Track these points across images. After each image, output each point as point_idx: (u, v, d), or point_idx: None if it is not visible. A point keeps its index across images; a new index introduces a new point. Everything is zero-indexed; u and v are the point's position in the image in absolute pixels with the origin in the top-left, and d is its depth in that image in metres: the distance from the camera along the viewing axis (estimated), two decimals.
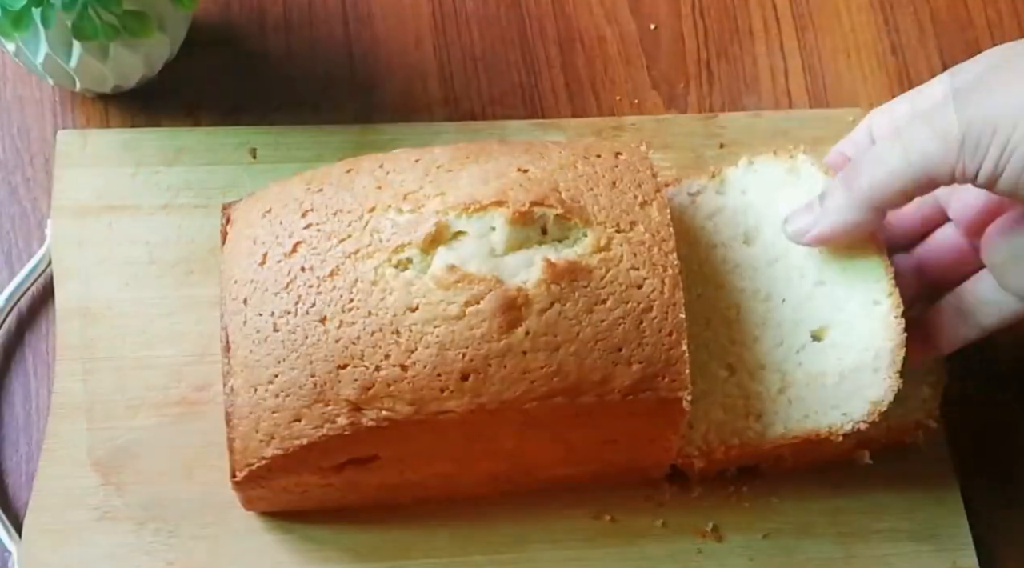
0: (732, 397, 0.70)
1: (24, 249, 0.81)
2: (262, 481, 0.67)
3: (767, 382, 0.70)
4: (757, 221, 0.73)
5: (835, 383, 0.68)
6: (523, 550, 0.74)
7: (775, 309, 0.71)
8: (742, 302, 0.72)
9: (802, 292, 0.70)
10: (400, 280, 0.64)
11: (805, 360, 0.69)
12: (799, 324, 0.70)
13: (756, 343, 0.71)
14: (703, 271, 0.73)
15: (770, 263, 0.71)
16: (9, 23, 0.72)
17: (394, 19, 0.91)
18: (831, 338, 0.69)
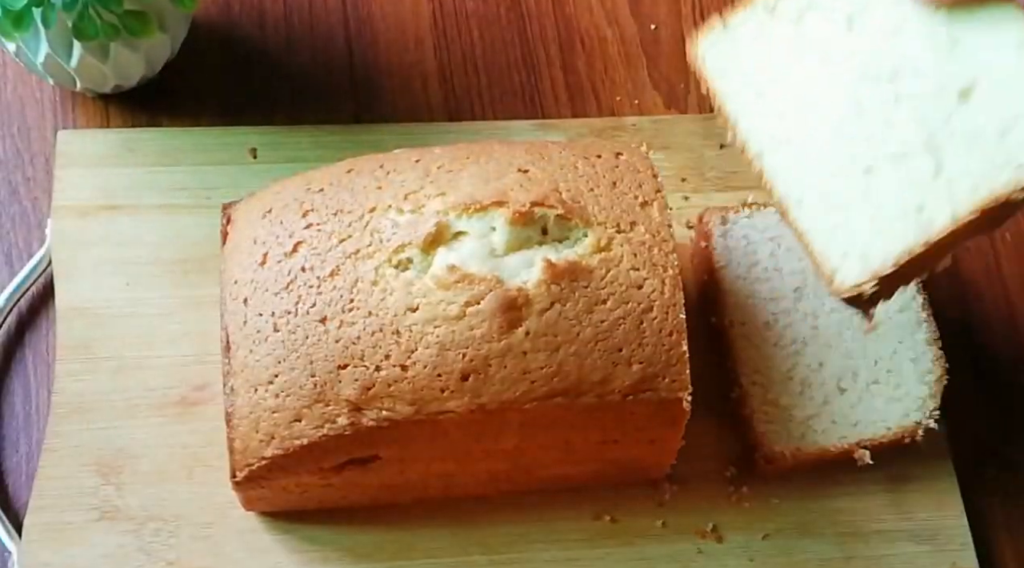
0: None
1: (24, 249, 0.81)
2: (262, 481, 0.67)
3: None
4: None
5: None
6: (523, 550, 0.74)
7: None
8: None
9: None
10: (400, 280, 0.64)
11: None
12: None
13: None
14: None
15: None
16: (10, 23, 0.72)
17: (394, 19, 0.91)
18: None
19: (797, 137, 0.63)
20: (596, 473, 0.74)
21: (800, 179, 0.63)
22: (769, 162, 0.63)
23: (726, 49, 0.65)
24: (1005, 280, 0.87)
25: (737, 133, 0.64)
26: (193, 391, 0.76)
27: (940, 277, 0.86)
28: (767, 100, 0.64)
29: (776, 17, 0.65)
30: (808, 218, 0.62)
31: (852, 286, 0.60)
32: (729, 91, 0.65)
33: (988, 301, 0.86)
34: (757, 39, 0.65)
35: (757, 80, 0.64)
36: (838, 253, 0.61)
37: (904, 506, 0.77)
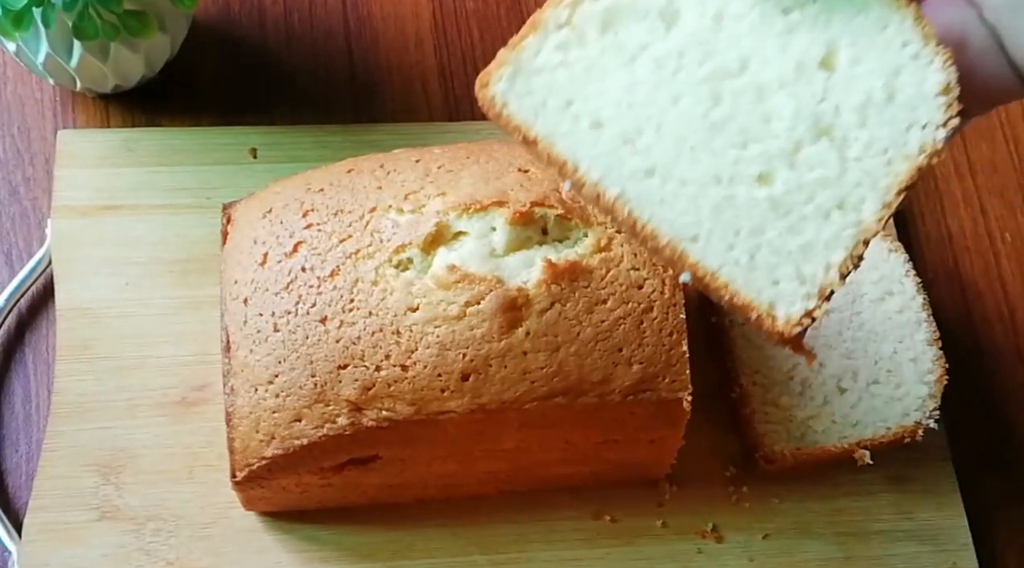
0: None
1: (24, 249, 0.81)
2: (262, 481, 0.67)
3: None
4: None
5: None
6: (523, 550, 0.74)
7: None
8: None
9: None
10: (400, 280, 0.64)
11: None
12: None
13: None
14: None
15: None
16: (10, 23, 0.72)
17: (394, 19, 0.91)
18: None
19: (661, 162, 0.52)
20: (596, 473, 0.74)
21: (684, 213, 0.52)
22: (637, 204, 0.52)
23: (529, 84, 0.53)
24: (1005, 280, 0.87)
25: (580, 179, 0.52)
26: (193, 391, 0.76)
27: (940, 277, 0.86)
28: (606, 130, 0.53)
29: (576, 34, 0.53)
30: (712, 256, 0.52)
31: (801, 316, 0.52)
32: (552, 132, 0.52)
33: (988, 301, 0.86)
34: (564, 64, 0.53)
35: (583, 110, 0.53)
36: (766, 284, 0.52)
37: (904, 506, 0.77)
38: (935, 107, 0.53)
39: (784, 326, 0.51)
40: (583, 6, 0.54)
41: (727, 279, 0.52)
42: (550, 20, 0.53)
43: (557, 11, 0.53)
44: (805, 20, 0.54)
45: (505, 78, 0.53)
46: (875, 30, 0.54)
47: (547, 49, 0.53)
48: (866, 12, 0.54)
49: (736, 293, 0.52)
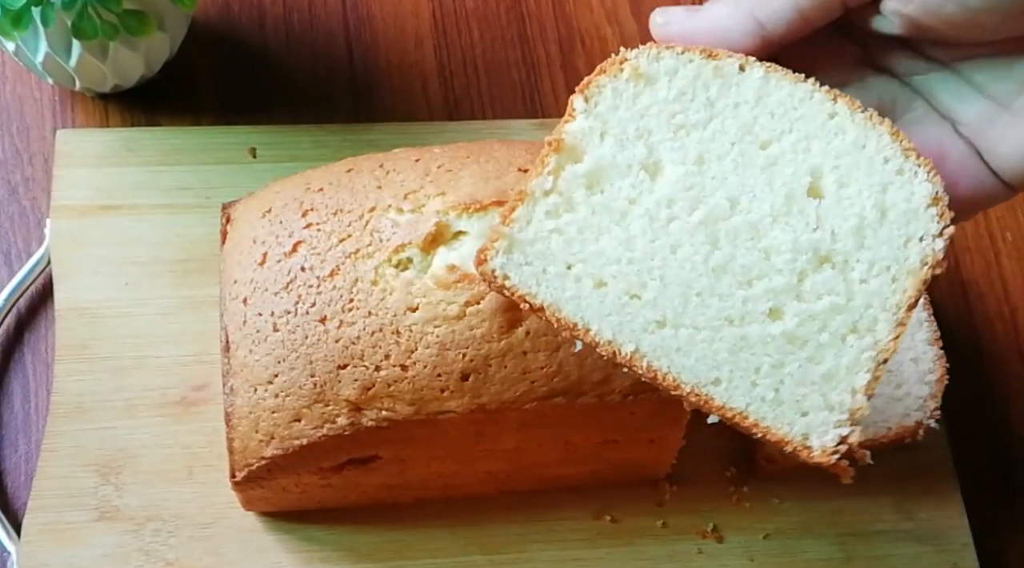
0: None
1: (23, 249, 0.81)
2: (262, 481, 0.67)
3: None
4: None
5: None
6: (523, 550, 0.74)
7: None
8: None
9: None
10: (400, 280, 0.64)
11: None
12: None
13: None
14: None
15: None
16: (9, 22, 0.72)
17: (394, 19, 0.91)
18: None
19: (670, 312, 0.53)
20: (596, 473, 0.74)
21: (702, 358, 0.53)
22: (653, 356, 0.53)
23: (526, 255, 0.54)
24: (1005, 279, 0.87)
25: (593, 339, 0.53)
26: (193, 391, 0.75)
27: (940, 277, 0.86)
28: (610, 288, 0.53)
29: (564, 199, 0.54)
30: (737, 397, 0.53)
31: (837, 443, 0.52)
32: (557, 298, 0.53)
33: (989, 300, 0.86)
34: (557, 230, 0.54)
35: (584, 272, 0.53)
36: (795, 416, 0.52)
37: (905, 506, 0.77)
38: (928, 219, 0.53)
39: (821, 456, 0.52)
40: (565, 171, 0.54)
41: (756, 417, 0.52)
42: (536, 189, 0.54)
43: (541, 180, 0.54)
44: (784, 150, 0.54)
45: (501, 252, 0.54)
46: (855, 150, 0.54)
47: (537, 218, 0.54)
48: (842, 134, 0.54)
49: (768, 430, 0.52)
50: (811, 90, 0.54)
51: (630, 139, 0.54)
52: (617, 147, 0.54)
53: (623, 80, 0.55)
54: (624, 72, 0.55)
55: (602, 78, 0.55)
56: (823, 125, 0.54)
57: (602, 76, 0.55)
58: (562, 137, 0.55)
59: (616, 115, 0.55)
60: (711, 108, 0.54)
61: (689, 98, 0.54)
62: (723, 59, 0.54)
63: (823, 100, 0.54)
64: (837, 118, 0.54)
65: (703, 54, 0.54)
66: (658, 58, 0.55)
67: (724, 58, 0.54)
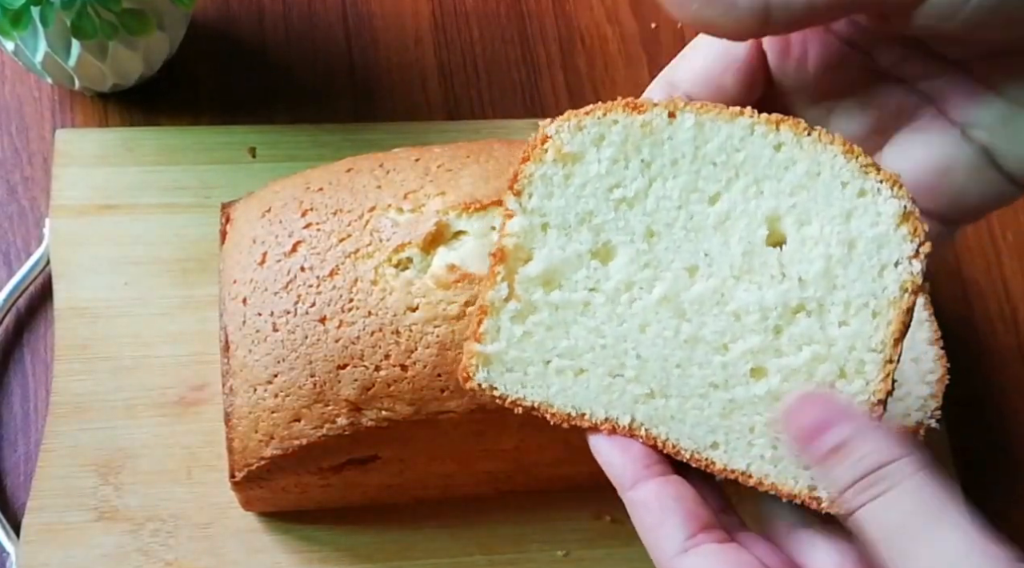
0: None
1: (23, 248, 0.80)
2: (261, 481, 0.67)
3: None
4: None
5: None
6: (523, 550, 0.74)
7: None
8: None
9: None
10: (400, 280, 0.64)
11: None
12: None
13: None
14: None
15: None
16: (8, 22, 0.72)
17: (394, 18, 0.91)
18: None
19: (655, 385, 0.52)
20: (596, 473, 0.74)
21: (697, 424, 0.52)
22: (651, 425, 0.52)
23: (504, 363, 0.53)
24: (1006, 279, 0.87)
25: (592, 423, 0.53)
26: (192, 391, 0.75)
27: (941, 276, 0.86)
28: (592, 373, 0.52)
29: (524, 302, 0.53)
30: (736, 457, 0.52)
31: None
32: (545, 394, 0.53)
33: (989, 300, 0.86)
34: (527, 333, 0.53)
35: (562, 365, 0.53)
36: (798, 470, 0.51)
37: None
38: (900, 240, 0.49)
39: (830, 506, 0.49)
40: (519, 275, 0.53)
41: (759, 476, 0.52)
42: (494, 300, 0.53)
43: (496, 290, 0.53)
44: (735, 201, 0.51)
45: (480, 367, 0.53)
46: (809, 181, 0.50)
47: (504, 326, 0.53)
48: (792, 166, 0.50)
49: (773, 486, 0.52)
50: (750, 124, 0.50)
51: (573, 226, 0.52)
52: (563, 238, 0.52)
53: (549, 164, 0.53)
54: (548, 154, 0.52)
55: (527, 166, 0.53)
56: (770, 161, 0.50)
57: (527, 164, 0.53)
58: (503, 245, 0.53)
59: (552, 204, 0.53)
60: (648, 171, 0.52)
61: (623, 166, 0.52)
62: (649, 111, 0.51)
63: (765, 132, 0.50)
64: (784, 148, 0.50)
65: (626, 109, 0.52)
66: (580, 127, 0.52)
67: (650, 110, 0.51)
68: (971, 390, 0.82)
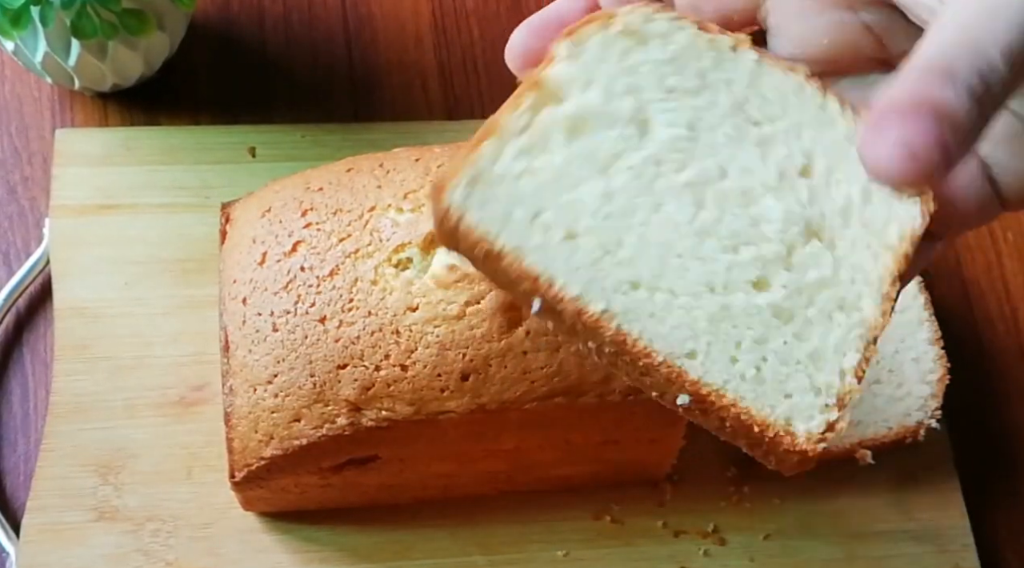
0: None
1: (22, 248, 0.80)
2: (261, 481, 0.67)
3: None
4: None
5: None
6: (523, 550, 0.74)
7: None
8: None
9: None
10: (400, 280, 0.64)
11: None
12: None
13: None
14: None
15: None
16: (8, 21, 0.72)
17: (394, 18, 0.91)
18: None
19: (647, 273, 0.47)
20: (596, 473, 0.74)
21: (678, 326, 0.47)
22: (624, 319, 0.47)
23: (490, 193, 0.47)
24: (1007, 278, 0.87)
25: (557, 295, 0.46)
26: (192, 391, 0.75)
27: (941, 276, 0.86)
28: (582, 241, 0.47)
29: (539, 140, 0.48)
30: (714, 372, 0.47)
31: (824, 430, 0.47)
32: (521, 245, 0.47)
33: (990, 300, 0.86)
34: (529, 172, 0.47)
35: (554, 221, 0.47)
36: (778, 398, 0.47)
37: (906, 506, 0.77)
38: (911, 203, 0.49)
39: (806, 443, 0.47)
40: (543, 113, 0.48)
41: (734, 396, 0.47)
42: (509, 124, 0.47)
43: (514, 116, 0.47)
44: (777, 133, 0.50)
45: (462, 186, 0.46)
46: (845, 143, 0.50)
47: (507, 156, 0.47)
48: (832, 126, 0.51)
49: (747, 411, 0.47)
50: (802, 82, 0.51)
51: (618, 93, 0.49)
52: (604, 98, 0.49)
53: (613, 33, 0.50)
54: (614, 26, 0.50)
55: (590, 27, 0.50)
56: (814, 115, 0.51)
57: (591, 25, 0.50)
58: (543, 75, 0.49)
59: (603, 68, 0.49)
60: (703, 78, 0.50)
61: (682, 64, 0.50)
62: (717, 34, 0.51)
63: (813, 94, 0.51)
64: (827, 111, 0.51)
65: (698, 25, 0.51)
66: (651, 19, 0.50)
67: (717, 33, 0.51)
68: (971, 390, 0.82)
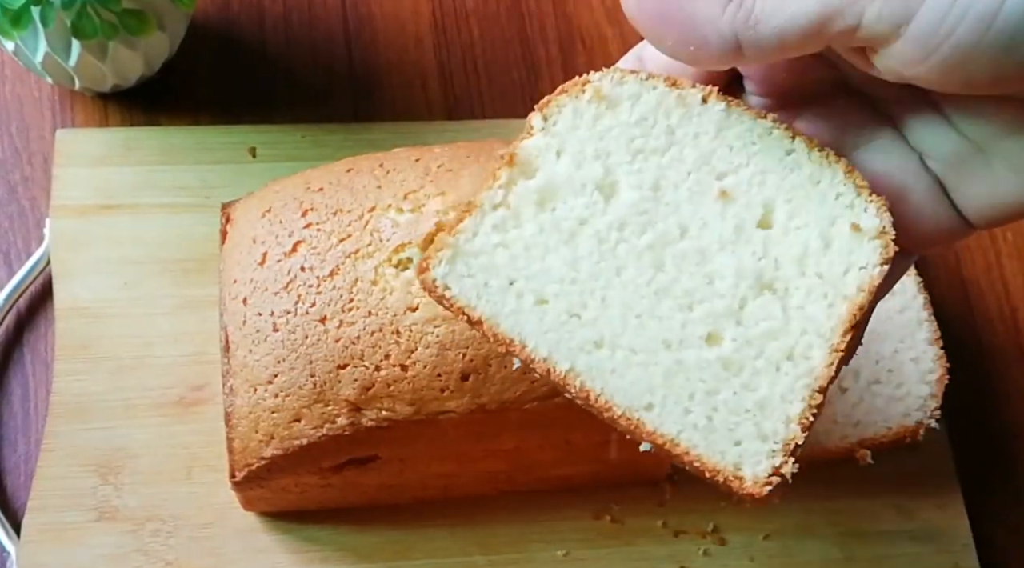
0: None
1: (23, 248, 0.80)
2: (261, 481, 0.67)
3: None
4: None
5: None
6: (523, 550, 0.74)
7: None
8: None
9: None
10: (400, 280, 0.64)
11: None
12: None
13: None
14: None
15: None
16: (8, 22, 0.72)
17: (394, 18, 0.91)
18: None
19: (608, 333, 0.52)
20: (596, 473, 0.74)
21: (636, 382, 0.51)
22: (588, 377, 0.52)
23: (469, 266, 0.52)
24: (1006, 278, 0.87)
25: (529, 357, 0.52)
26: (192, 391, 0.75)
27: (941, 276, 0.86)
28: (551, 306, 0.52)
29: (513, 213, 0.53)
30: (668, 422, 0.51)
31: (769, 474, 0.50)
32: (496, 312, 0.52)
33: (990, 300, 0.86)
34: (503, 244, 0.53)
35: (525, 288, 0.52)
36: (728, 445, 0.51)
37: (905, 506, 0.77)
38: (871, 250, 0.52)
39: (753, 486, 0.50)
40: (517, 186, 0.53)
41: (688, 445, 0.51)
42: (485, 201, 0.53)
43: (491, 192, 0.53)
44: (740, 182, 0.53)
45: (444, 262, 0.52)
46: (808, 185, 0.53)
47: (484, 230, 0.53)
48: (798, 170, 0.53)
49: (699, 458, 0.51)
50: (770, 126, 0.53)
51: (587, 159, 0.53)
52: (573, 166, 0.53)
53: (584, 101, 0.54)
54: (586, 93, 0.54)
55: (563, 97, 0.54)
56: (780, 160, 0.53)
57: (563, 95, 0.54)
58: (515, 152, 0.53)
59: (575, 135, 0.54)
60: (671, 136, 0.54)
61: (650, 124, 0.54)
62: (687, 89, 0.54)
63: (781, 137, 0.53)
64: (794, 154, 0.53)
65: (667, 82, 0.54)
66: (622, 82, 0.54)
67: (688, 87, 0.54)
68: (971, 390, 0.82)
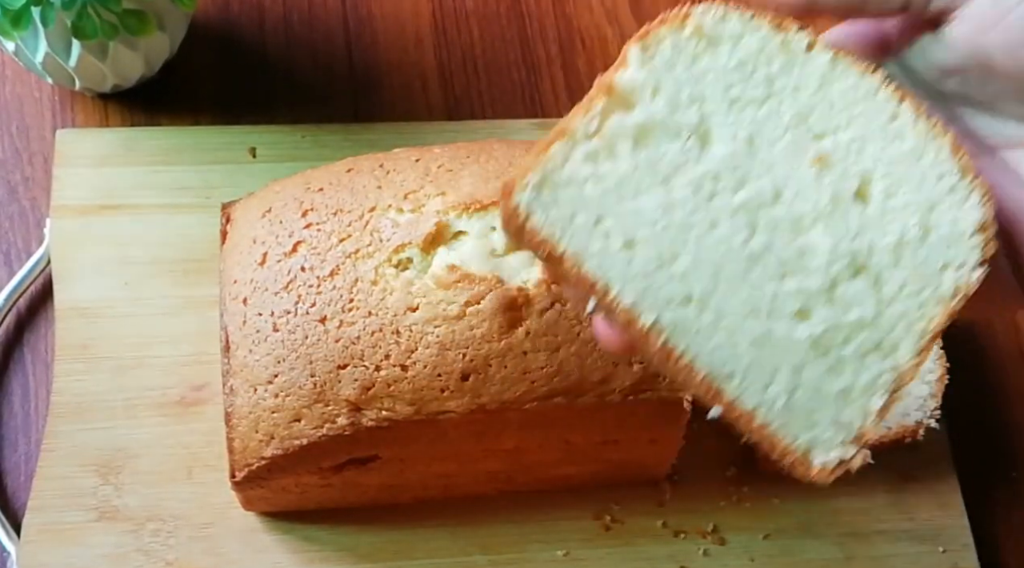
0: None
1: (23, 248, 0.81)
2: (261, 481, 0.67)
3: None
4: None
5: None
6: (523, 550, 0.74)
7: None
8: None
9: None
10: (400, 280, 0.64)
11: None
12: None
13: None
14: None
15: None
16: (8, 22, 0.72)
17: (394, 18, 0.91)
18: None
19: (698, 290, 0.48)
20: (596, 473, 0.74)
21: (721, 346, 0.48)
22: (673, 333, 0.48)
23: (557, 196, 0.48)
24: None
25: (612, 303, 0.48)
26: (192, 391, 0.75)
27: None
28: (640, 251, 0.48)
29: (606, 146, 0.49)
30: (749, 394, 0.48)
31: (837, 465, 0.48)
32: (582, 249, 0.48)
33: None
34: (595, 177, 0.49)
35: (614, 228, 0.48)
36: (803, 428, 0.49)
37: (905, 506, 0.77)
38: (971, 247, 0.49)
39: (819, 473, 0.48)
40: (612, 119, 0.50)
41: (763, 420, 0.48)
42: (578, 129, 0.49)
43: (586, 119, 0.50)
44: (838, 146, 0.50)
45: (531, 187, 0.48)
46: (910, 160, 0.50)
47: (575, 159, 0.49)
48: (900, 140, 0.50)
49: (771, 435, 0.49)
50: (877, 86, 0.50)
51: (683, 103, 0.50)
52: (668, 109, 0.50)
53: (684, 36, 0.50)
54: (686, 28, 0.50)
55: (662, 29, 0.50)
56: (882, 127, 0.50)
57: (663, 27, 0.50)
58: (616, 80, 0.50)
59: (672, 74, 0.50)
60: (770, 86, 0.51)
61: (749, 70, 0.51)
62: (792, 33, 0.51)
63: (888, 99, 0.50)
64: (898, 121, 0.50)
65: (772, 24, 0.51)
66: (724, 19, 0.51)
67: (793, 32, 0.51)
68: (971, 390, 0.82)
